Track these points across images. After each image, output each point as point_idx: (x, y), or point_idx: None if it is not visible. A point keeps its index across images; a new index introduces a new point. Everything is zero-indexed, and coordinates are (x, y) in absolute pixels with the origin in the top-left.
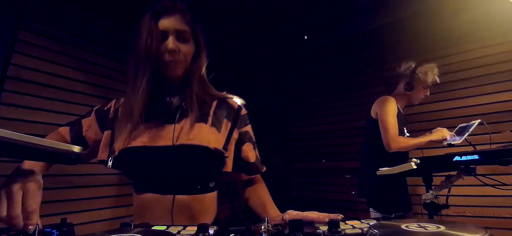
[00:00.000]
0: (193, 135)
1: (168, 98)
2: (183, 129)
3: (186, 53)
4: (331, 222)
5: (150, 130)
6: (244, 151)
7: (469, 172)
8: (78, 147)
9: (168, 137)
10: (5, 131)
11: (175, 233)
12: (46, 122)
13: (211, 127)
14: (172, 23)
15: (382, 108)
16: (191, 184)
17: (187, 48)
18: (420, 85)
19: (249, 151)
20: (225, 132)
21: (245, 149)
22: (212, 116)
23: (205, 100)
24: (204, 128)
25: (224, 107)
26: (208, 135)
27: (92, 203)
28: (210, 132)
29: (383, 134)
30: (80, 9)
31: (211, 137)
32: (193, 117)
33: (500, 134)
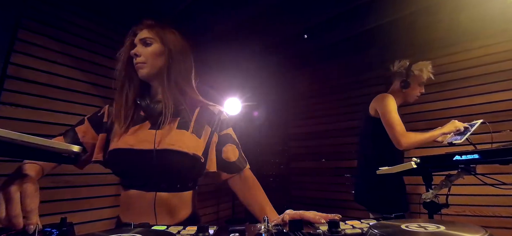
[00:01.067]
0: (174, 140)
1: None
2: (165, 134)
3: (147, 55)
4: (331, 222)
5: (136, 133)
6: (225, 151)
7: (469, 171)
8: (78, 146)
9: (151, 141)
10: (5, 130)
11: (175, 233)
12: (46, 122)
13: (192, 134)
14: (139, 35)
15: (383, 105)
16: (171, 183)
17: (147, 50)
18: (416, 82)
19: (230, 151)
20: (205, 137)
21: (225, 149)
22: (194, 123)
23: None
24: (185, 134)
25: (205, 114)
26: (188, 141)
27: (92, 203)
28: (190, 138)
29: (390, 131)
30: (80, 9)
31: (191, 143)
32: (175, 123)
33: (500, 133)
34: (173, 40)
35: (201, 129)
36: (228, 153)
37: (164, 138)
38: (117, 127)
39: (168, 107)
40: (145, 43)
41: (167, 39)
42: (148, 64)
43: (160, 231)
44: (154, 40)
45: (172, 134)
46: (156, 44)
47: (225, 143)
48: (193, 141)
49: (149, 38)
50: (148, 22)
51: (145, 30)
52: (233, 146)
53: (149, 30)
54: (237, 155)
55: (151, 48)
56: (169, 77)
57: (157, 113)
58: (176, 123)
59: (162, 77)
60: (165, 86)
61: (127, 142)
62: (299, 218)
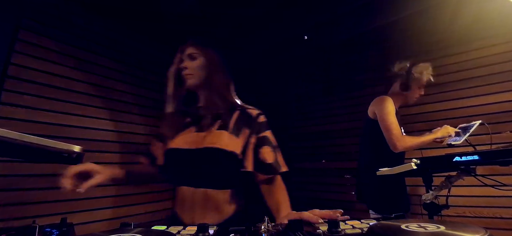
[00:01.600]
0: (215, 139)
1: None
2: (207, 135)
3: (193, 67)
4: (331, 222)
5: (183, 136)
6: (261, 153)
7: (469, 172)
8: (78, 147)
9: (195, 141)
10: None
11: (175, 233)
12: (46, 122)
13: (231, 134)
14: (186, 51)
15: (381, 108)
16: (216, 180)
17: (193, 64)
18: (416, 84)
19: (267, 153)
20: (243, 138)
21: (263, 151)
22: (233, 125)
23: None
24: (225, 134)
25: (244, 117)
26: (227, 140)
27: (92, 203)
28: (229, 138)
29: (386, 134)
30: (80, 10)
31: (230, 142)
32: (216, 125)
33: (500, 134)
34: (214, 58)
35: (239, 130)
36: (265, 155)
37: (206, 138)
38: (168, 132)
39: (210, 111)
40: (191, 58)
41: (209, 57)
42: (194, 75)
43: (160, 231)
44: (198, 55)
45: (213, 134)
46: (200, 58)
47: (262, 145)
48: (232, 139)
49: (194, 53)
50: (193, 41)
51: (191, 47)
52: (269, 148)
53: (194, 47)
54: (273, 157)
55: (196, 62)
56: (211, 86)
57: (201, 117)
58: (217, 125)
59: (205, 86)
60: (208, 94)
61: (177, 143)
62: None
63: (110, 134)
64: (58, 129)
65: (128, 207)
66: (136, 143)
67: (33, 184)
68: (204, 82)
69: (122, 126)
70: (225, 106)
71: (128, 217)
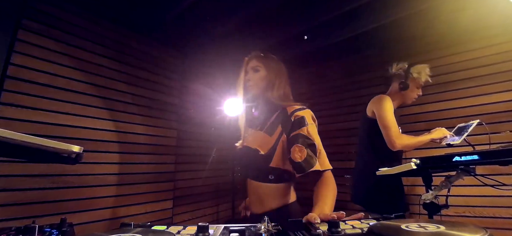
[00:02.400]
0: (252, 138)
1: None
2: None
3: (256, 79)
4: (331, 222)
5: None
6: (292, 152)
7: (468, 172)
8: (78, 147)
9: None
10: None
11: (175, 233)
12: (46, 122)
13: (263, 133)
14: (250, 64)
15: (380, 107)
16: (259, 175)
17: (256, 76)
18: (414, 84)
19: (296, 152)
20: (275, 137)
21: (292, 150)
22: (269, 124)
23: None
24: (259, 133)
25: (281, 116)
26: (257, 138)
27: (92, 203)
28: (262, 137)
29: (385, 132)
30: (80, 10)
31: (258, 140)
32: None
33: (500, 134)
34: (274, 66)
35: (273, 129)
36: (294, 154)
37: (249, 138)
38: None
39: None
40: (254, 71)
41: (269, 66)
42: (255, 85)
43: (160, 230)
44: (260, 68)
45: (254, 134)
46: (262, 70)
47: (292, 144)
48: (261, 138)
49: (257, 66)
50: (256, 53)
51: (254, 59)
52: (298, 147)
53: (257, 60)
54: (303, 156)
55: (259, 74)
56: (268, 94)
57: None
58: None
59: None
60: (265, 100)
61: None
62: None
63: (110, 134)
64: (58, 129)
65: (128, 207)
66: (136, 143)
67: (33, 184)
68: (264, 90)
69: (122, 126)
70: (276, 109)
71: (128, 217)
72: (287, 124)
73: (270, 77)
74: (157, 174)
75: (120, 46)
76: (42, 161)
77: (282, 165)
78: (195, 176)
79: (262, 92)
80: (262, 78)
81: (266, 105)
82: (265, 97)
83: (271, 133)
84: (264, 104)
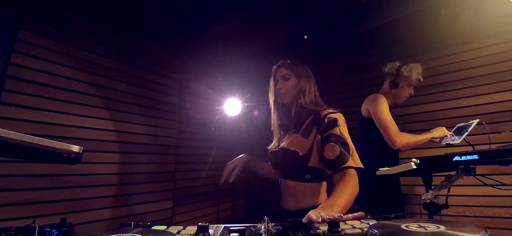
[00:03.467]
0: (290, 142)
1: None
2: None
3: (288, 87)
4: (331, 222)
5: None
6: (325, 150)
7: (469, 172)
8: (78, 147)
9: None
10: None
11: (175, 233)
12: (46, 122)
13: (301, 136)
14: (279, 73)
15: (375, 106)
16: (297, 174)
17: (287, 84)
18: (405, 83)
19: (329, 150)
20: (311, 139)
21: (326, 148)
22: (304, 127)
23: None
24: (297, 137)
25: (315, 119)
26: (295, 140)
27: (92, 203)
28: (299, 140)
29: (384, 131)
30: (80, 10)
31: (295, 142)
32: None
33: (500, 134)
34: (303, 73)
35: (309, 132)
36: (327, 152)
37: (286, 141)
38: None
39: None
40: (284, 79)
41: (299, 74)
42: (288, 94)
43: (160, 230)
44: (290, 76)
45: (291, 138)
46: (293, 79)
47: (326, 142)
48: (298, 140)
49: (287, 75)
50: (284, 61)
51: (283, 68)
52: (332, 145)
53: (286, 68)
54: (336, 153)
55: (290, 82)
56: (301, 100)
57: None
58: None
59: (296, 100)
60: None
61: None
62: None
63: (110, 134)
64: (58, 129)
65: (128, 207)
66: (136, 143)
67: (33, 184)
68: (295, 97)
69: (122, 126)
70: (309, 113)
71: (128, 217)
72: (321, 126)
73: (301, 84)
74: (157, 174)
75: (120, 46)
76: (42, 161)
77: (318, 164)
78: (195, 176)
79: (294, 99)
80: (293, 86)
81: (299, 110)
82: (298, 103)
83: (307, 135)
84: (297, 109)
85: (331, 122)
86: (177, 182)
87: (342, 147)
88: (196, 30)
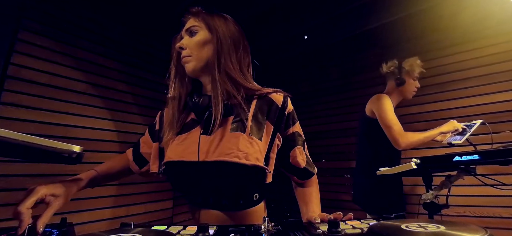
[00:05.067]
0: (227, 149)
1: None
2: (216, 141)
3: (192, 46)
4: (331, 222)
5: (185, 141)
6: (293, 156)
7: (469, 172)
8: (78, 147)
9: (202, 150)
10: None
11: (175, 233)
12: (46, 122)
13: (250, 136)
14: (185, 26)
15: (379, 106)
16: (232, 199)
17: (192, 41)
18: (410, 77)
19: (299, 155)
20: (266, 139)
21: (293, 154)
22: (251, 121)
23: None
24: (241, 138)
25: (265, 107)
26: (245, 147)
27: (92, 203)
28: (248, 143)
29: (388, 131)
30: (80, 10)
31: (250, 150)
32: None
33: (500, 134)
34: (222, 26)
35: (261, 128)
36: (297, 158)
37: (216, 146)
38: (166, 134)
39: (217, 103)
40: (190, 33)
41: (215, 25)
42: (193, 56)
43: (160, 231)
44: (200, 28)
45: (225, 139)
46: (202, 31)
47: (293, 146)
48: (253, 145)
49: (194, 27)
50: (194, 9)
51: (192, 18)
52: (301, 148)
53: (195, 18)
54: (305, 159)
55: (197, 37)
56: (219, 68)
57: (204, 110)
58: (229, 123)
59: (211, 70)
60: (214, 79)
61: (177, 152)
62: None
63: (110, 133)
64: (58, 129)
65: (128, 207)
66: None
67: (33, 184)
68: (208, 64)
69: (122, 126)
70: (239, 94)
71: (128, 217)
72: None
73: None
74: None
75: (120, 46)
76: (42, 161)
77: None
78: None
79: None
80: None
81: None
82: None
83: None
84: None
85: (293, 113)
86: None
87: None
88: None
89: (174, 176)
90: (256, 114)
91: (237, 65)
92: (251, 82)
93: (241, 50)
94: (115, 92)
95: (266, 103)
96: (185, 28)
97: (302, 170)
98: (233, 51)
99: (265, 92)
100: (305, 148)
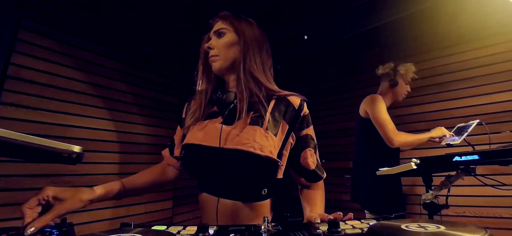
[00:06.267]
0: (245, 139)
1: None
2: (235, 131)
3: (220, 46)
4: (331, 222)
5: (206, 127)
6: (304, 157)
7: (469, 172)
8: (78, 147)
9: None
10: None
11: (175, 233)
12: (46, 122)
13: (266, 131)
14: (214, 28)
15: (373, 106)
16: (242, 190)
17: (219, 42)
18: (403, 80)
19: (309, 156)
20: (281, 136)
21: (305, 155)
22: (269, 118)
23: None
24: (258, 131)
25: (283, 107)
26: (261, 140)
27: (92, 203)
28: (263, 137)
29: (381, 131)
30: (80, 10)
31: (265, 143)
32: (247, 118)
33: (500, 134)
34: (248, 30)
35: (277, 126)
36: (307, 159)
37: (234, 136)
38: (188, 119)
39: (242, 99)
40: (218, 35)
41: (241, 29)
42: (221, 56)
43: (160, 231)
44: (227, 31)
45: (244, 131)
46: (230, 34)
47: (304, 147)
48: (268, 139)
49: (222, 29)
50: (222, 13)
51: (220, 21)
52: (312, 151)
53: (223, 21)
54: (315, 161)
55: (224, 39)
56: (244, 68)
57: (228, 104)
58: (249, 118)
59: (236, 69)
60: (239, 78)
61: (197, 136)
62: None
63: (109, 134)
64: (58, 129)
65: (128, 207)
66: (136, 143)
67: (33, 184)
68: (234, 64)
69: (122, 126)
70: (260, 93)
71: (128, 217)
72: (296, 120)
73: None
74: None
75: (120, 46)
76: (42, 161)
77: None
78: None
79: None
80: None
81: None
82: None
83: (276, 132)
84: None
85: (307, 116)
86: (177, 182)
87: (317, 153)
88: (197, 30)
89: (192, 159)
90: (273, 112)
91: (261, 67)
92: (272, 83)
93: (264, 53)
94: (114, 92)
95: (284, 104)
96: (213, 30)
97: (311, 172)
98: (257, 53)
99: (283, 94)
100: (317, 152)
